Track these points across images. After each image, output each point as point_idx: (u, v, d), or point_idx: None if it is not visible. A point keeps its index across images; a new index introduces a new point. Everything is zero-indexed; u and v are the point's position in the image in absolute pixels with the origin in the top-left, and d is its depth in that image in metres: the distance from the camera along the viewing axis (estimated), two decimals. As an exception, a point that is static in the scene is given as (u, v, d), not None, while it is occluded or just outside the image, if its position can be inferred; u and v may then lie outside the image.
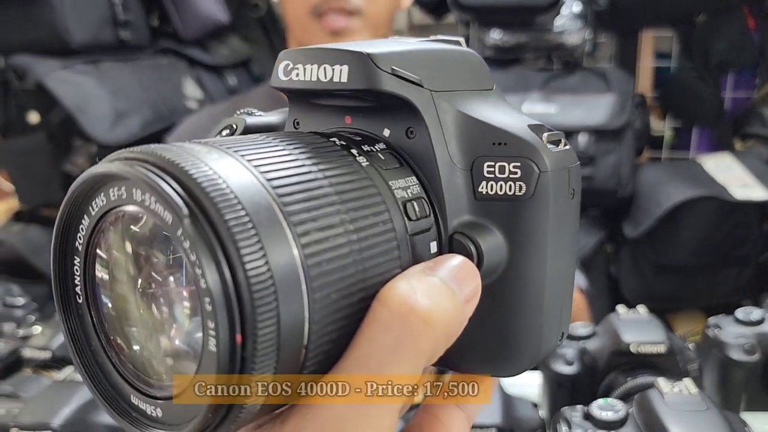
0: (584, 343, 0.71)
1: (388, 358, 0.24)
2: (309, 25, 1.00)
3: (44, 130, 1.39)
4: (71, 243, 0.26)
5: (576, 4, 1.64)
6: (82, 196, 0.25)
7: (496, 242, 0.28)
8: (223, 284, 0.21)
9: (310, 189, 0.24)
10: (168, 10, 1.69)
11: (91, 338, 0.26)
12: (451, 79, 0.30)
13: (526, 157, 0.28)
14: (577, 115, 1.50)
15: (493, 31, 1.65)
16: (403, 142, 0.29)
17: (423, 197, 0.28)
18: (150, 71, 1.57)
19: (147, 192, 0.22)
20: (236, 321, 0.21)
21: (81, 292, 0.26)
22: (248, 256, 0.21)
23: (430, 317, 0.24)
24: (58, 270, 0.26)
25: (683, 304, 1.55)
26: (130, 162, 0.23)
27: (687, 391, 0.55)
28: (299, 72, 0.29)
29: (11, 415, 0.60)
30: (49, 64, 1.36)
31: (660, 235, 1.44)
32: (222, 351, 0.21)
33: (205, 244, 0.21)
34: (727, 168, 1.52)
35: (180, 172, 0.22)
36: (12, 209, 1.52)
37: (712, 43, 1.65)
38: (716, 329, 0.68)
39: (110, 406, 0.25)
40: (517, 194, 0.28)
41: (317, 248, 0.23)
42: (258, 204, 0.22)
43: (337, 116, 0.31)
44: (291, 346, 0.23)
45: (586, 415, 0.55)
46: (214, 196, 0.22)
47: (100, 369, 0.26)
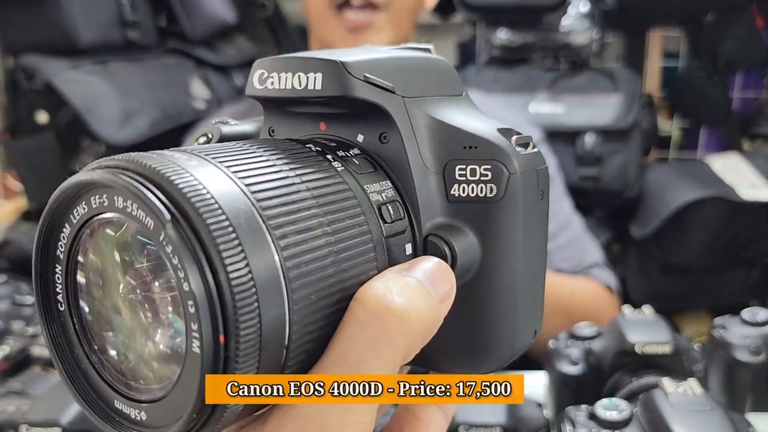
0: (589, 344, 0.71)
1: (366, 355, 0.24)
2: (328, 20, 0.97)
3: (53, 130, 1.39)
4: (53, 251, 0.26)
5: (583, 4, 1.64)
6: (63, 204, 0.25)
7: (469, 243, 0.29)
8: (206, 287, 0.21)
9: (288, 194, 0.25)
10: (175, 10, 1.70)
11: (73, 345, 0.26)
12: (423, 86, 0.31)
13: (496, 159, 0.29)
14: (584, 115, 1.50)
15: (500, 30, 1.65)
16: (377, 147, 0.30)
17: (397, 200, 0.29)
18: (157, 71, 1.58)
19: (129, 199, 0.23)
20: (219, 322, 0.22)
21: (63, 300, 0.26)
22: (229, 259, 0.22)
23: (405, 315, 0.25)
24: (39, 278, 0.26)
25: (690, 304, 1.54)
26: (112, 170, 0.24)
27: (691, 392, 0.55)
28: (274, 80, 0.30)
29: (21, 411, 0.61)
30: (57, 64, 1.37)
31: (667, 235, 1.44)
32: (206, 351, 0.22)
33: (188, 248, 0.22)
34: (734, 168, 1.51)
35: (162, 179, 0.23)
36: (20, 209, 1.54)
37: (721, 42, 1.64)
38: (722, 330, 0.68)
39: (93, 410, 0.26)
40: (488, 196, 0.29)
41: (296, 250, 0.24)
42: (238, 209, 0.23)
43: (311, 123, 0.32)
44: (273, 345, 0.23)
45: (591, 414, 0.55)
46: (196, 202, 0.22)
47: (83, 375, 0.26)
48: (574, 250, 1.04)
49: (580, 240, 1.06)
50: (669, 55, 1.81)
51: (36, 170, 1.43)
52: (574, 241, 1.05)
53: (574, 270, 1.03)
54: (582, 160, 1.47)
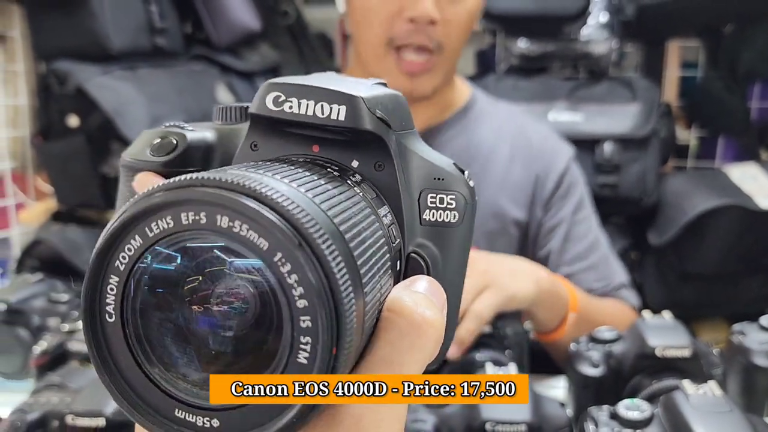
0: (610, 347, 0.73)
1: (405, 357, 0.28)
2: (384, 59, 0.96)
3: (83, 134, 1.42)
4: (112, 261, 0.26)
5: (603, 14, 1.65)
6: (137, 217, 0.25)
7: (436, 259, 0.35)
8: (328, 306, 0.24)
9: (351, 216, 0.28)
10: (201, 18, 1.73)
11: (118, 357, 0.26)
12: (401, 121, 0.35)
13: (458, 191, 0.35)
14: (602, 123, 1.51)
15: (519, 39, 1.66)
16: (371, 174, 0.34)
17: (394, 223, 0.33)
18: (184, 77, 1.61)
19: (239, 219, 0.24)
20: (335, 338, 0.24)
21: (114, 311, 0.26)
22: (342, 278, 0.24)
23: (433, 323, 0.29)
24: (90, 286, 0.26)
25: (707, 312, 1.55)
26: (213, 190, 0.24)
27: (712, 393, 0.57)
28: (293, 105, 0.32)
29: (65, 403, 0.63)
30: (89, 70, 1.40)
31: (685, 243, 1.44)
32: (319, 362, 0.24)
33: (311, 269, 0.24)
34: (752, 178, 1.52)
35: (270, 200, 0.24)
36: (50, 210, 1.57)
37: (739, 52, 1.65)
38: (740, 336, 0.70)
39: (146, 419, 0.26)
40: (451, 222, 0.35)
41: (367, 269, 0.27)
42: (333, 233, 0.25)
43: (305, 144, 0.34)
44: (356, 356, 0.27)
45: (613, 414, 0.57)
46: (309, 226, 0.24)
47: (128, 385, 0.27)
48: (603, 271, 1.05)
49: (607, 260, 1.07)
50: (687, 64, 1.81)
51: (66, 172, 1.46)
52: (603, 261, 1.06)
53: (603, 291, 1.04)
54: (600, 168, 1.49)
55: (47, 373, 0.79)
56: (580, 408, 0.71)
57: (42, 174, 1.59)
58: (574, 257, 1.05)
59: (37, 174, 1.60)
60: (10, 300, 0.95)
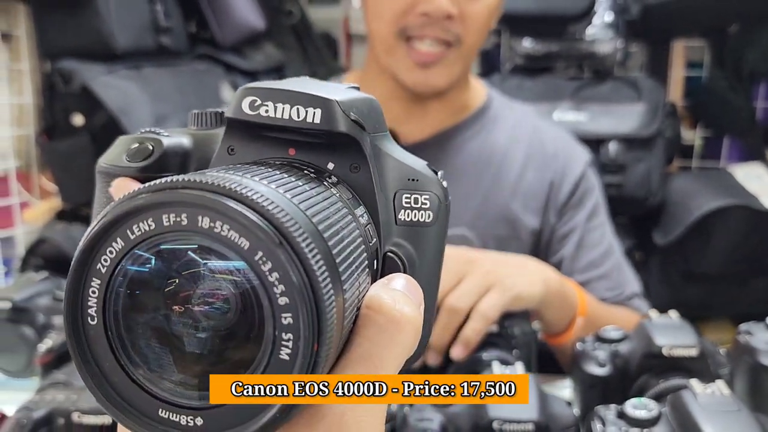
0: (616, 346, 0.72)
1: (385, 353, 0.28)
2: (395, 49, 0.94)
3: (88, 132, 1.43)
4: (93, 264, 0.26)
5: (608, 14, 1.65)
6: (118, 220, 0.25)
7: (412, 258, 0.35)
8: (308, 303, 0.24)
9: (330, 219, 0.28)
10: (206, 17, 1.74)
11: (101, 359, 0.26)
12: (375, 124, 0.36)
13: (431, 191, 0.35)
14: (607, 123, 1.51)
15: (524, 39, 1.66)
16: (347, 176, 0.35)
17: (370, 223, 0.34)
18: (188, 76, 1.61)
19: (219, 220, 0.24)
20: (316, 334, 0.24)
21: (96, 314, 0.26)
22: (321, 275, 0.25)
23: (411, 319, 0.29)
24: (73, 289, 0.26)
25: (712, 312, 1.54)
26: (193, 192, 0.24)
27: (720, 392, 0.56)
28: (269, 109, 0.33)
29: (71, 400, 0.63)
30: (94, 69, 1.41)
31: (690, 243, 1.44)
32: (300, 358, 0.24)
33: (291, 269, 0.24)
34: (757, 178, 1.52)
35: (249, 200, 0.24)
36: (54, 208, 1.57)
37: (745, 52, 1.64)
38: (747, 335, 0.69)
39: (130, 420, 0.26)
40: (426, 221, 0.35)
41: (345, 267, 0.28)
42: (312, 231, 0.26)
43: (280, 147, 0.34)
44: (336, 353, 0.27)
45: (620, 413, 0.57)
46: (288, 225, 0.24)
47: (112, 387, 0.26)
48: (616, 280, 1.04)
49: (620, 269, 1.06)
50: (692, 64, 1.81)
51: (71, 171, 1.47)
52: (616, 270, 1.05)
53: (616, 299, 1.03)
54: (605, 168, 1.48)
55: (52, 371, 0.79)
56: (586, 407, 0.71)
57: (46, 173, 1.59)
58: (587, 265, 1.03)
59: (42, 173, 1.60)
60: (14, 298, 0.95)
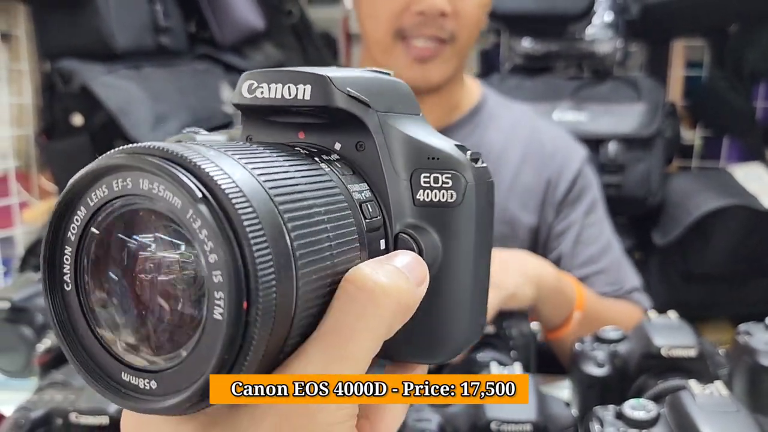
0: (615, 346, 0.72)
1: (356, 324, 0.27)
2: (392, 48, 0.95)
3: (87, 132, 1.43)
4: (63, 233, 0.27)
5: (607, 13, 1.65)
6: (80, 188, 0.27)
7: (432, 242, 0.34)
8: (233, 258, 0.24)
9: (292, 185, 0.28)
10: (206, 17, 1.73)
11: (77, 324, 0.28)
12: (391, 103, 0.35)
13: (455, 170, 0.33)
14: (607, 123, 1.51)
15: (524, 39, 1.66)
16: (353, 155, 0.34)
17: (374, 200, 0.33)
18: (188, 76, 1.61)
19: (156, 181, 0.25)
20: (243, 290, 0.24)
21: (70, 281, 0.28)
22: (253, 234, 0.24)
23: (389, 289, 0.28)
24: (47, 259, 0.28)
25: (712, 313, 1.54)
26: (137, 155, 0.25)
27: (718, 394, 0.56)
28: (264, 90, 0.33)
29: (69, 400, 0.63)
30: (93, 69, 1.41)
31: (689, 243, 1.44)
32: (230, 317, 0.24)
33: (217, 223, 0.24)
34: (757, 178, 1.51)
35: (188, 163, 0.25)
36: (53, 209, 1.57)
37: (745, 52, 1.64)
38: (746, 336, 0.69)
39: (97, 382, 0.27)
40: (448, 201, 0.33)
41: (303, 233, 0.27)
42: (256, 192, 0.26)
43: (291, 132, 0.35)
44: (283, 316, 0.26)
45: (618, 414, 0.57)
46: (222, 184, 0.25)
47: (86, 351, 0.28)
48: (615, 275, 1.04)
49: (620, 264, 1.06)
50: (692, 64, 1.81)
51: (70, 171, 1.42)
52: (615, 264, 1.05)
53: (615, 294, 1.03)
54: (605, 168, 1.48)
55: (51, 371, 0.79)
56: (584, 408, 0.70)
57: (46, 173, 1.59)
58: (585, 260, 1.04)
59: (41, 173, 1.60)
60: (13, 298, 0.94)
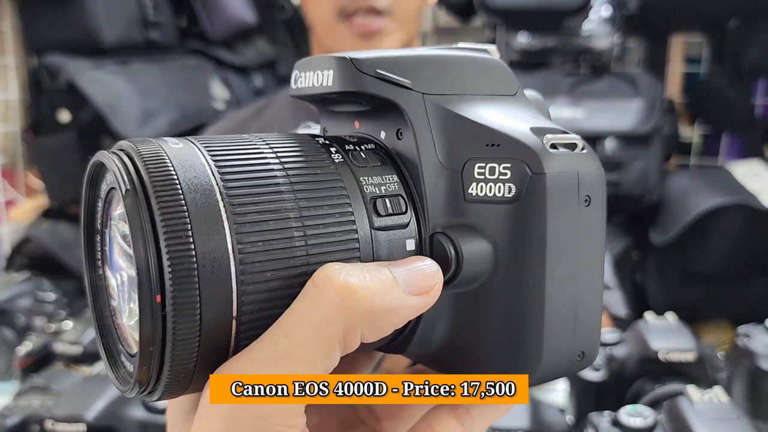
0: (611, 350, 0.71)
1: (299, 319, 0.24)
2: (336, 28, 0.97)
3: (74, 129, 1.41)
4: (94, 223, 0.29)
5: (605, 8, 1.63)
6: (91, 180, 0.28)
7: (480, 247, 0.28)
8: (146, 255, 0.23)
9: (260, 177, 0.26)
10: (196, 11, 1.71)
11: (103, 305, 0.29)
12: (453, 83, 0.30)
13: (517, 158, 0.27)
14: (604, 119, 1.49)
15: (520, 34, 1.64)
16: (394, 144, 0.30)
17: (401, 195, 0.29)
18: (178, 72, 1.59)
19: (111, 174, 0.25)
20: (156, 283, 0.23)
21: (101, 265, 0.29)
22: (171, 231, 0.23)
23: (346, 289, 0.25)
24: (87, 245, 0.29)
25: (710, 313, 1.53)
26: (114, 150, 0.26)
27: (717, 400, 0.54)
28: (303, 80, 0.31)
29: (46, 407, 0.62)
30: (80, 64, 1.38)
31: (688, 242, 1.42)
32: (144, 311, 0.23)
33: (138, 218, 0.23)
34: (757, 175, 1.50)
35: (133, 151, 0.25)
36: (41, 207, 1.55)
37: (744, 48, 1.63)
38: (745, 338, 0.67)
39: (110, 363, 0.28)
40: (505, 196, 0.27)
41: (254, 229, 0.25)
42: (197, 185, 0.24)
43: (348, 121, 0.32)
44: (217, 316, 0.24)
45: (614, 421, 0.55)
46: (153, 174, 0.24)
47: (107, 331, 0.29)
48: None
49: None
50: (691, 60, 1.79)
51: (57, 168, 1.44)
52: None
53: None
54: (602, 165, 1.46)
55: (32, 374, 0.78)
56: (581, 413, 0.69)
57: (33, 170, 1.57)
58: None
59: (28, 170, 1.58)
60: (-6, 299, 0.93)
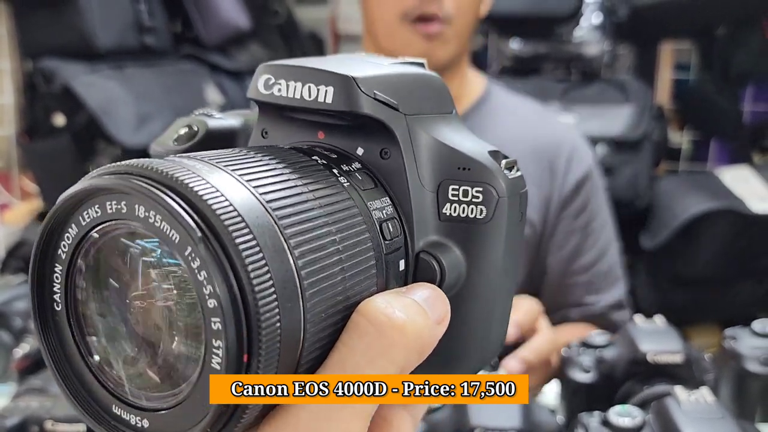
0: (601, 352, 0.72)
1: (362, 361, 0.25)
2: (400, 31, 0.97)
3: (69, 133, 1.41)
4: (53, 251, 0.25)
5: (595, 16, 1.65)
6: (72, 205, 0.25)
7: (456, 260, 0.30)
8: (235, 307, 0.22)
9: (303, 211, 0.25)
10: (191, 16, 1.72)
11: (67, 346, 0.26)
12: (422, 103, 0.31)
13: (487, 182, 0.30)
14: (595, 125, 1.51)
15: (512, 40, 1.66)
16: (377, 162, 0.31)
17: (396, 218, 0.30)
18: (172, 76, 1.60)
19: (152, 209, 0.23)
20: (244, 343, 0.22)
21: (60, 300, 0.26)
22: (257, 279, 0.22)
23: (403, 328, 0.26)
24: (36, 276, 0.26)
25: (699, 316, 1.54)
26: (129, 176, 0.23)
27: (704, 400, 0.56)
28: (281, 87, 0.30)
29: (45, 408, 0.62)
30: (75, 68, 1.39)
31: (677, 247, 1.44)
32: (228, 369, 0.22)
33: (217, 266, 0.22)
34: (745, 181, 1.52)
35: (187, 190, 0.22)
36: (35, 210, 1.55)
37: (732, 55, 1.65)
38: (732, 341, 0.69)
39: (84, 410, 0.25)
40: (477, 217, 0.30)
41: (312, 266, 0.25)
42: (263, 227, 0.23)
43: (309, 131, 0.32)
44: (288, 360, 0.24)
45: (604, 421, 0.56)
46: (225, 219, 0.22)
47: (76, 377, 0.26)
48: (598, 287, 1.03)
49: (607, 275, 1.04)
50: (680, 67, 1.81)
51: (52, 172, 1.45)
52: (602, 276, 1.03)
53: (589, 312, 1.01)
54: (593, 170, 1.48)
55: (29, 376, 0.78)
56: (571, 413, 0.70)
57: (27, 173, 1.57)
58: (575, 270, 1.02)
59: (23, 173, 1.58)
60: (-9, 302, 0.93)
